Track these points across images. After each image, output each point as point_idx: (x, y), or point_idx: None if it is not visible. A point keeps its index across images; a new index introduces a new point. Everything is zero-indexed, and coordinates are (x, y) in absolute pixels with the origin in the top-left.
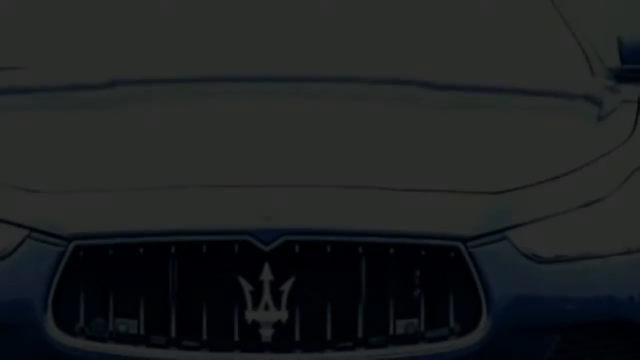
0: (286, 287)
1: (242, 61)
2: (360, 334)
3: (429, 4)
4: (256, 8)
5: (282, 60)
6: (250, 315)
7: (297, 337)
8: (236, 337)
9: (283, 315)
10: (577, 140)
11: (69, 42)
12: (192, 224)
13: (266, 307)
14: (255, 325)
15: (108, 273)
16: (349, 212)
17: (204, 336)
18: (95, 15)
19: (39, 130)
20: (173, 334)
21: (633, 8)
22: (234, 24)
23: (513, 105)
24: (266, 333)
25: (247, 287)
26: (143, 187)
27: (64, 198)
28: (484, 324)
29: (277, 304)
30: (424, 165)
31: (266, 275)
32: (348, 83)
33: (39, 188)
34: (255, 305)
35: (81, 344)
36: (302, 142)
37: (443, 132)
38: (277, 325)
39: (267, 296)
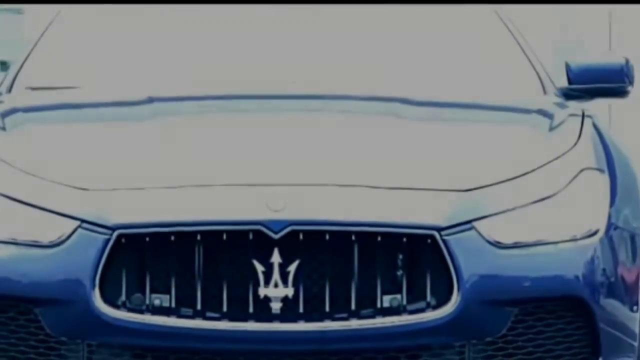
0: (292, 268)
1: (256, 81)
2: (353, 307)
3: (407, 39)
4: (267, 41)
5: (289, 81)
6: (262, 291)
7: (301, 310)
8: (251, 310)
9: (289, 291)
10: (532, 147)
11: (113, 66)
12: (215, 216)
13: (276, 285)
14: (267, 299)
15: (145, 256)
16: (344, 207)
17: (224, 308)
18: (132, 43)
19: (88, 139)
20: (199, 306)
21: (578, 36)
22: (248, 50)
23: (479, 118)
24: (276, 306)
25: (259, 268)
26: (174, 185)
27: (109, 195)
28: (455, 298)
29: (285, 282)
30: (406, 168)
31: (276, 258)
32: (343, 100)
33: (88, 186)
34: (267, 283)
35: (123, 315)
36: (305, 148)
37: (421, 140)
38: (284, 299)
39: (276, 275)
